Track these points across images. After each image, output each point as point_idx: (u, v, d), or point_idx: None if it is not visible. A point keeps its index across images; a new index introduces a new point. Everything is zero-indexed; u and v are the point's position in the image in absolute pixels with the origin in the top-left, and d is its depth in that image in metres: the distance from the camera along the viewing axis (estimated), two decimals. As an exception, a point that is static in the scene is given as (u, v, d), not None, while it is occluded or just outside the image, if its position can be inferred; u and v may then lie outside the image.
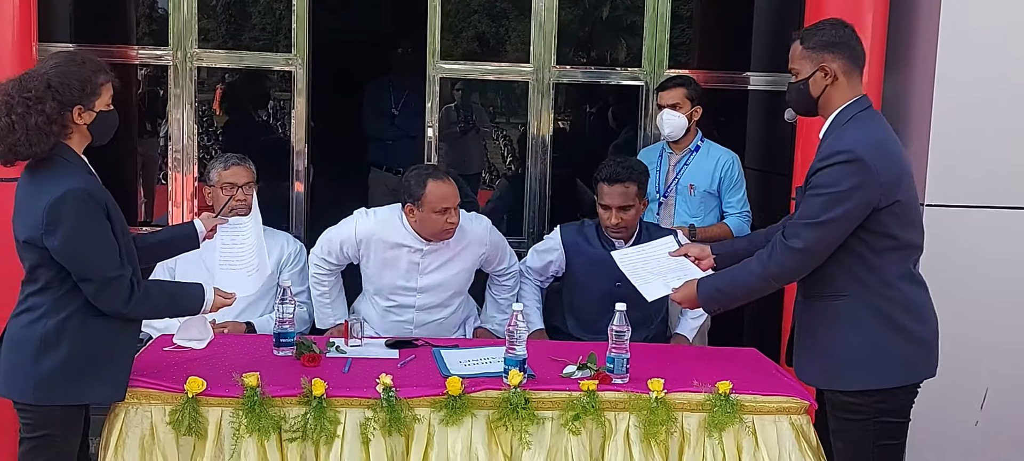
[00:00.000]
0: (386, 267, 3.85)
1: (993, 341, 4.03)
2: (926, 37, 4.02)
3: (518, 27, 11.33)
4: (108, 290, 2.82)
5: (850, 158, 2.82)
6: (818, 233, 2.87)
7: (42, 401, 2.84)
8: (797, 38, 3.04)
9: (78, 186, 2.78)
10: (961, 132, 3.96)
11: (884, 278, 2.92)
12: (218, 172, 4.02)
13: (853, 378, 2.94)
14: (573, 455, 3.01)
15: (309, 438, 2.96)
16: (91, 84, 2.84)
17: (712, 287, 3.14)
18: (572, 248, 3.98)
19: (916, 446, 3.96)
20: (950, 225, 3.96)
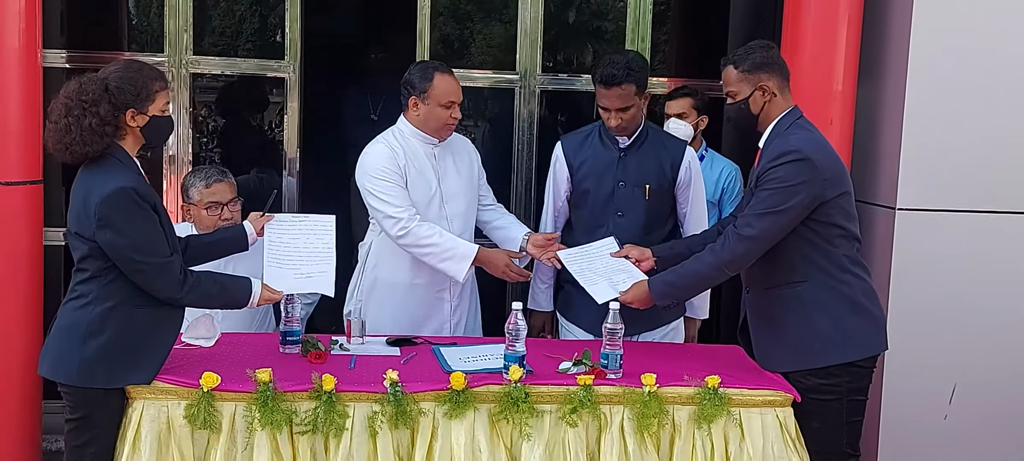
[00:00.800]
0: (419, 177, 3.84)
1: (961, 339, 4.17)
2: (898, 46, 4.16)
3: (483, 30, 11.44)
4: (162, 276, 3.04)
5: (798, 157, 3.16)
6: (768, 222, 3.19)
7: (83, 383, 3.02)
8: (729, 62, 3.36)
9: (128, 184, 2.99)
10: (932, 138, 4.09)
11: (838, 263, 3.26)
12: (199, 191, 3.96)
13: (822, 356, 3.24)
14: (570, 446, 3.13)
15: (319, 431, 3.07)
16: (146, 89, 3.05)
17: (663, 283, 3.42)
18: (574, 157, 3.96)
19: (890, 437, 4.17)
20: (921, 228, 4.10)
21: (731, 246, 3.26)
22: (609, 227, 3.86)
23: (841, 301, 3.27)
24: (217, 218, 3.93)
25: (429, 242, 3.75)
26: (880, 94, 4.27)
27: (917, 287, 4.13)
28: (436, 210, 3.88)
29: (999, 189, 4.13)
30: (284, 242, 3.50)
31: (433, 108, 3.81)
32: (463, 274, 3.78)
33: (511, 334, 3.21)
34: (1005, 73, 4.10)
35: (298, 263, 3.46)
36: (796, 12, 4.14)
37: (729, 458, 3.18)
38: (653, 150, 3.91)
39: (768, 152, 3.28)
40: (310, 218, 3.60)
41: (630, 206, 3.87)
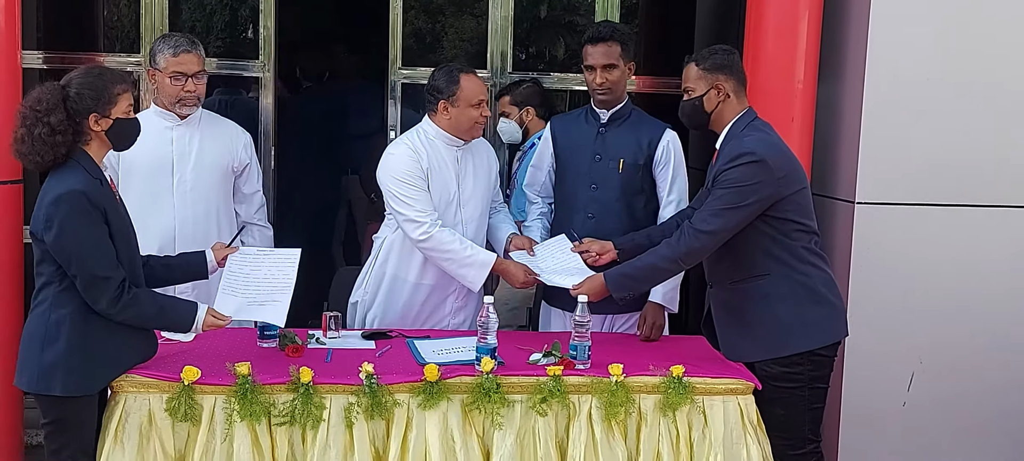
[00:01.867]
0: (440, 180, 3.91)
1: (919, 328, 4.28)
2: (856, 44, 4.26)
3: (455, 23, 11.50)
4: (95, 288, 3.00)
5: (753, 159, 3.31)
6: (724, 220, 3.34)
7: (42, 391, 3.03)
8: (691, 60, 3.51)
9: (77, 187, 2.97)
10: (889, 134, 4.19)
11: (798, 256, 3.40)
12: (166, 58, 3.88)
13: (786, 345, 3.38)
14: (540, 435, 3.24)
15: (297, 422, 3.15)
16: (107, 93, 3.05)
17: (620, 275, 3.55)
18: (560, 132, 4.13)
19: (850, 422, 4.30)
20: (879, 221, 4.22)
21: (687, 240, 3.40)
22: (584, 198, 3.99)
23: (802, 292, 3.41)
24: (180, 89, 3.88)
25: (449, 248, 3.82)
26: (839, 92, 4.37)
27: (876, 278, 4.25)
28: (453, 213, 3.95)
29: (954, 183, 4.24)
30: (244, 272, 3.46)
31: (464, 110, 3.88)
32: (479, 282, 3.88)
33: (482, 327, 3.31)
34: (960, 71, 4.21)
35: (253, 292, 3.39)
36: (758, 12, 4.24)
37: (692, 445, 3.30)
38: (632, 128, 4.04)
39: (724, 153, 3.42)
40: (276, 252, 3.59)
41: (603, 179, 4.00)
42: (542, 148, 4.18)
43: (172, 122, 3.96)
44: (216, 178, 4.01)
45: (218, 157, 4.02)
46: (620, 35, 3.97)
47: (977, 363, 4.32)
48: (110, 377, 3.11)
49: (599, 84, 3.96)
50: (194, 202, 3.96)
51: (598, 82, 3.96)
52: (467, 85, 3.87)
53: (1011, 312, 4.31)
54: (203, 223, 3.96)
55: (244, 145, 4.12)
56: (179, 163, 3.96)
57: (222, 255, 3.48)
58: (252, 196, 4.16)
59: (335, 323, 3.69)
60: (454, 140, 3.96)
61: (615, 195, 3.99)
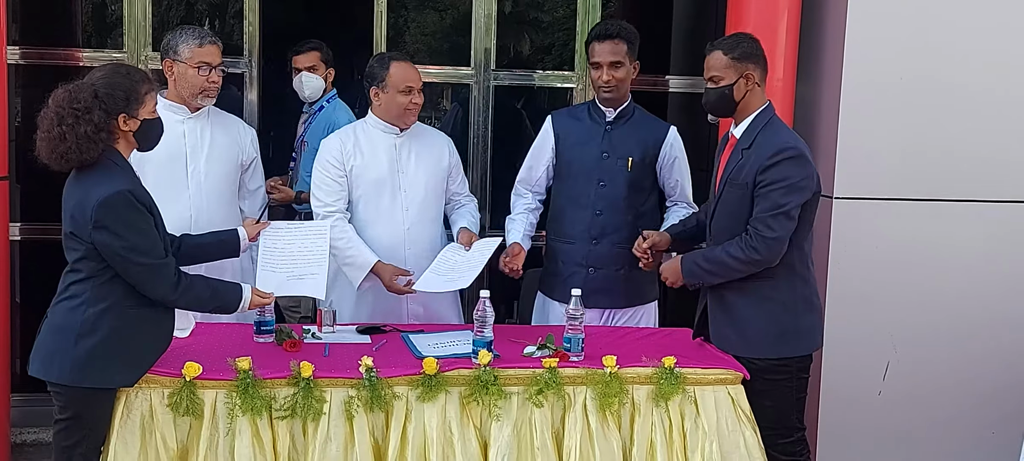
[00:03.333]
0: (370, 167, 3.97)
1: (893, 319, 4.40)
2: (833, 43, 4.36)
3: (417, 18, 11.51)
4: (158, 277, 3.08)
5: (795, 153, 3.35)
6: (783, 220, 3.35)
7: (75, 382, 3.05)
8: (717, 48, 3.49)
9: (125, 188, 3.03)
10: (866, 131, 4.30)
11: (801, 260, 3.48)
12: (191, 48, 3.88)
13: (778, 349, 3.46)
14: (537, 425, 3.31)
15: (298, 416, 3.19)
16: (136, 93, 3.07)
17: (693, 263, 3.57)
18: (562, 129, 4.16)
19: (829, 410, 4.41)
20: (856, 216, 4.33)
21: (758, 247, 3.37)
22: (592, 195, 4.05)
23: (800, 299, 3.50)
24: (205, 80, 3.89)
25: (337, 244, 3.90)
26: (817, 91, 4.47)
27: (853, 271, 4.36)
28: (388, 198, 4.01)
29: (927, 179, 4.36)
30: (279, 248, 3.56)
31: (392, 96, 3.95)
32: (358, 282, 3.95)
33: (479, 321, 3.37)
34: (934, 70, 4.32)
35: (291, 266, 3.52)
36: (738, 14, 4.34)
37: (685, 434, 3.38)
38: (637, 127, 4.11)
39: (760, 146, 3.42)
40: (305, 225, 3.67)
41: (612, 177, 4.07)
42: (541, 143, 4.19)
43: (182, 115, 3.96)
44: (227, 171, 4.04)
45: (228, 151, 4.04)
46: (627, 33, 4.02)
47: (949, 353, 4.45)
48: (140, 372, 3.15)
49: (606, 82, 4.01)
50: (209, 193, 3.98)
51: (604, 79, 4.01)
52: (396, 72, 3.93)
53: (981, 303, 4.44)
54: (217, 213, 3.98)
55: (251, 140, 4.15)
56: (193, 155, 3.97)
57: (255, 231, 3.58)
58: (256, 192, 4.19)
59: (331, 318, 3.73)
60: (389, 127, 4.02)
61: (623, 192, 4.06)
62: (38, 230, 4.72)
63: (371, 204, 4.00)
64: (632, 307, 4.14)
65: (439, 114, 7.29)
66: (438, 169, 4.13)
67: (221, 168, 4.02)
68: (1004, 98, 4.36)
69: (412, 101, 3.96)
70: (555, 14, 10.28)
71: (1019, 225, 4.41)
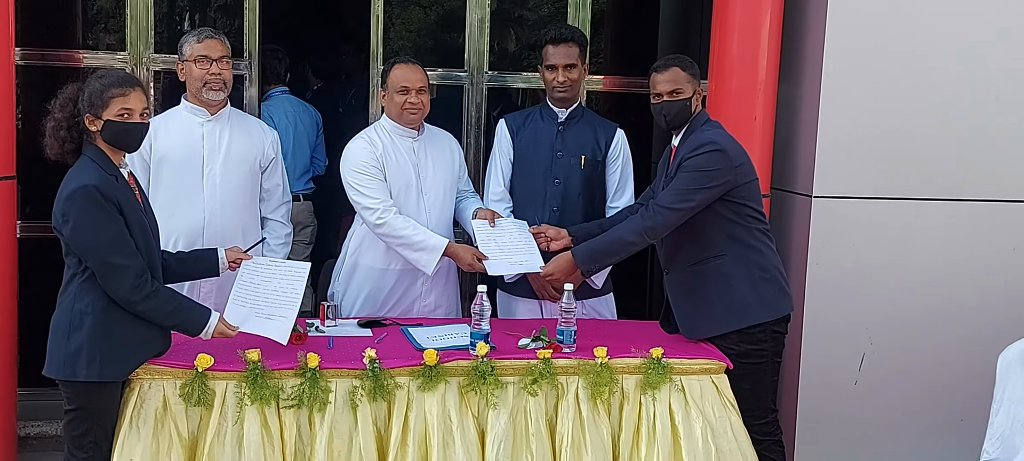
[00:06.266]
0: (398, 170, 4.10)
1: (869, 313, 4.55)
2: (813, 46, 4.50)
3: (402, 14, 11.61)
4: (113, 278, 3.14)
5: (715, 147, 3.64)
6: (688, 200, 3.65)
7: (67, 377, 3.17)
8: (675, 65, 3.78)
9: (89, 182, 3.11)
10: (844, 132, 4.44)
11: (752, 237, 3.73)
12: (191, 45, 4.04)
13: (744, 318, 3.69)
14: (532, 414, 3.47)
15: (304, 405, 3.33)
16: (100, 96, 3.18)
17: (588, 249, 3.83)
18: (516, 129, 4.36)
19: (806, 399, 4.58)
20: (834, 214, 4.48)
21: (653, 217, 3.69)
22: (548, 193, 4.23)
23: (756, 270, 3.73)
24: (205, 72, 4.01)
25: (402, 233, 4.03)
26: (798, 89, 4.62)
27: (831, 266, 4.51)
28: (414, 201, 4.15)
29: (904, 179, 4.51)
30: (255, 283, 3.56)
31: (391, 96, 4.13)
32: (432, 266, 4.06)
33: (477, 314, 3.53)
34: (911, 72, 4.47)
35: (262, 304, 3.51)
36: (723, 14, 4.49)
37: (674, 421, 3.54)
38: (589, 126, 4.34)
39: (687, 143, 3.72)
40: (286, 264, 3.70)
41: (566, 174, 4.27)
42: (500, 146, 4.36)
43: (202, 118, 4.09)
44: (244, 173, 4.13)
45: (246, 153, 4.14)
46: (579, 37, 4.28)
47: (921, 344, 4.61)
48: (131, 366, 3.26)
49: (561, 83, 4.23)
50: (223, 196, 4.07)
51: (560, 80, 4.23)
52: (395, 73, 4.11)
53: (951, 297, 4.60)
54: (231, 217, 4.08)
55: (271, 142, 4.25)
56: (209, 158, 4.07)
57: (234, 257, 3.60)
58: (274, 192, 4.29)
59: (333, 312, 3.88)
60: (404, 130, 4.17)
61: (578, 189, 4.25)
62: (38, 228, 4.80)
63: (399, 207, 4.11)
64: (591, 298, 4.32)
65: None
66: (452, 169, 4.30)
67: (238, 171, 4.11)
68: (980, 100, 4.51)
69: (408, 101, 4.09)
70: (540, 13, 10.43)
71: (986, 223, 4.56)
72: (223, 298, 3.72)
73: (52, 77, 4.78)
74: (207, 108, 4.10)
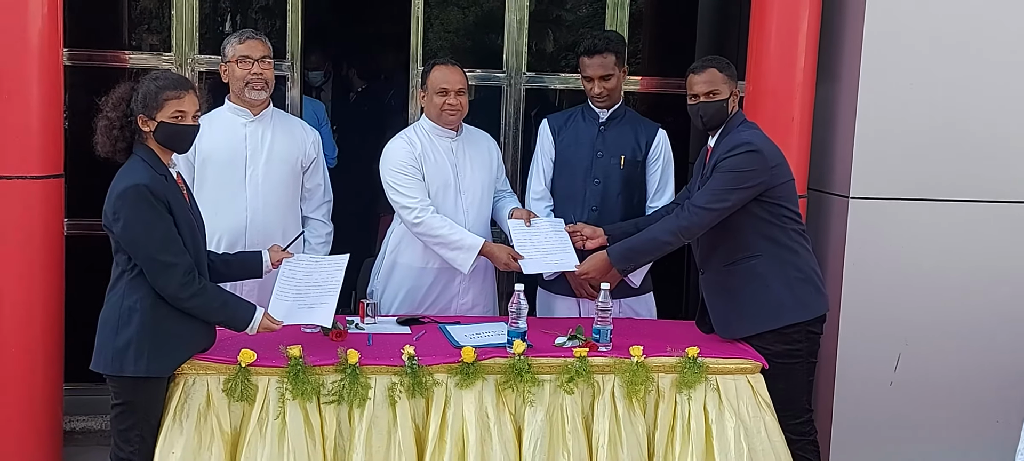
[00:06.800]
0: (437, 170, 4.16)
1: (906, 314, 4.56)
2: (851, 47, 4.51)
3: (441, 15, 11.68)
4: (162, 275, 3.20)
5: (751, 148, 3.65)
6: (723, 200, 3.66)
7: (115, 372, 3.24)
8: (712, 66, 3.80)
9: (140, 181, 3.18)
10: (882, 133, 4.45)
11: (787, 238, 3.73)
12: (233, 46, 4.12)
13: (779, 318, 3.70)
14: (568, 411, 3.50)
15: (345, 401, 3.38)
16: (155, 98, 3.25)
17: (623, 248, 3.85)
18: (558, 131, 4.40)
19: (842, 400, 4.58)
20: (872, 215, 4.48)
21: (688, 216, 3.71)
22: (587, 193, 4.26)
23: (791, 270, 3.74)
24: (247, 72, 4.09)
25: (439, 232, 4.09)
26: (836, 91, 4.62)
27: (867, 267, 4.52)
28: (452, 201, 4.20)
29: (941, 179, 4.51)
30: (296, 278, 3.63)
31: (430, 97, 4.18)
32: (468, 265, 4.11)
33: (514, 313, 3.57)
34: (951, 70, 4.47)
35: (303, 296, 3.58)
36: (761, 16, 4.50)
37: (708, 420, 3.56)
38: (630, 126, 4.35)
39: (723, 144, 3.73)
40: (325, 258, 3.78)
41: (606, 174, 4.29)
42: (542, 146, 4.41)
43: (245, 118, 4.17)
44: (285, 173, 4.20)
45: (288, 153, 4.21)
46: (614, 46, 4.26)
47: (958, 346, 4.60)
48: (177, 362, 3.32)
49: (597, 94, 4.27)
50: (265, 195, 4.15)
51: (595, 92, 4.27)
52: (433, 75, 4.16)
53: (988, 300, 4.59)
54: (273, 216, 4.16)
55: (313, 142, 4.31)
56: (252, 158, 4.15)
57: (277, 257, 3.67)
58: (315, 191, 4.35)
59: (373, 310, 3.94)
60: (443, 130, 4.22)
61: (617, 189, 4.28)
62: (84, 226, 4.88)
63: (437, 208, 4.15)
64: (630, 297, 4.35)
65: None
66: (490, 169, 4.35)
67: (279, 171, 4.18)
68: (1018, 99, 4.49)
69: (447, 102, 4.14)
70: (579, 13, 10.45)
71: (1025, 224, 4.54)
72: (263, 296, 3.79)
73: (98, 78, 4.87)
74: (250, 108, 4.17)
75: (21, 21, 4.16)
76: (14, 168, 4.20)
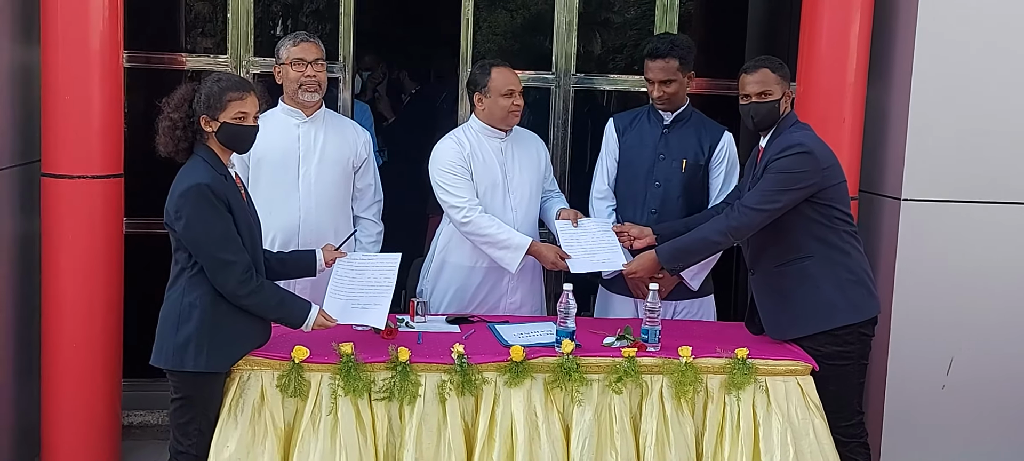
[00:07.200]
0: (486, 171, 4.21)
1: (958, 317, 4.52)
2: (903, 46, 4.48)
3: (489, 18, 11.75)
4: (222, 272, 3.28)
5: (803, 149, 3.64)
6: (774, 201, 3.65)
7: (176, 367, 3.32)
8: (764, 66, 3.79)
9: (202, 181, 3.26)
10: (934, 134, 4.42)
11: (839, 239, 3.72)
12: (287, 48, 4.19)
13: (831, 319, 3.68)
14: (616, 411, 3.52)
15: (395, 398, 3.44)
16: (218, 99, 3.33)
17: (672, 248, 3.85)
18: (623, 132, 4.41)
19: (893, 402, 4.55)
20: (923, 217, 4.45)
21: (738, 217, 3.71)
22: (648, 195, 4.27)
23: (842, 271, 3.72)
24: (301, 74, 4.16)
25: (487, 232, 4.14)
26: (887, 92, 4.59)
27: (919, 269, 4.49)
28: (500, 200, 4.25)
29: (994, 181, 4.47)
30: (350, 277, 3.70)
31: (495, 99, 4.20)
32: (516, 264, 4.15)
33: (562, 312, 3.60)
34: (1003, 72, 4.43)
35: (357, 295, 3.65)
36: (812, 18, 4.49)
37: (757, 422, 3.57)
38: (694, 129, 4.33)
39: (775, 145, 3.73)
40: (378, 257, 3.85)
41: (667, 177, 4.29)
42: (607, 145, 4.43)
43: (298, 119, 4.24)
44: (337, 173, 4.27)
45: (340, 153, 4.28)
46: (679, 51, 4.23)
47: (1010, 349, 4.55)
48: (235, 358, 3.40)
49: (657, 97, 4.27)
50: (318, 195, 4.22)
51: (655, 95, 4.27)
52: (497, 77, 4.18)
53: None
54: (325, 216, 4.23)
55: (364, 142, 4.38)
56: (305, 158, 4.22)
57: (331, 256, 3.74)
58: (366, 191, 4.42)
59: (423, 309, 3.99)
60: (494, 131, 4.26)
61: (677, 192, 4.27)
62: (140, 224, 4.98)
63: (485, 208, 4.20)
64: (687, 300, 4.35)
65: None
66: (538, 169, 4.38)
67: (331, 171, 4.25)
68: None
69: (514, 103, 4.20)
70: (626, 15, 10.45)
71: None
72: (316, 294, 3.86)
73: (156, 80, 4.98)
74: (303, 109, 4.24)
75: (83, 26, 4.26)
76: (76, 168, 4.30)
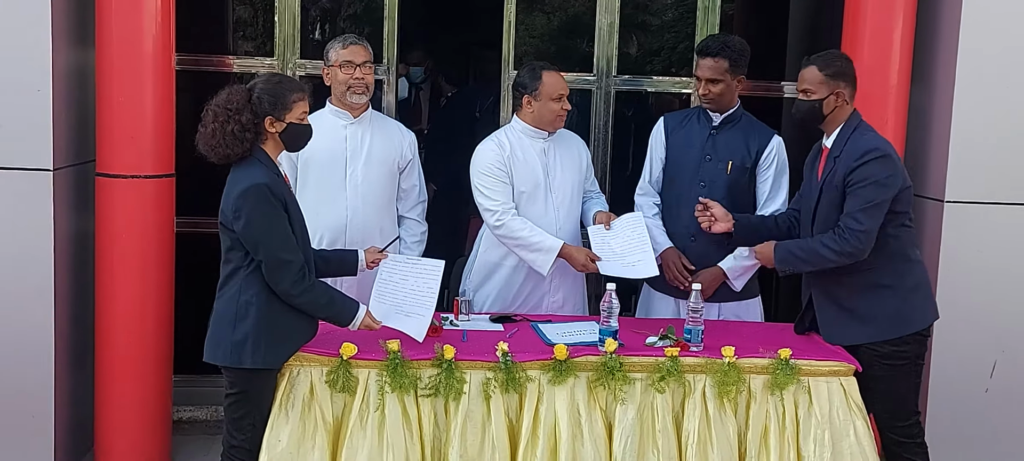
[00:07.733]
0: (527, 171, 4.25)
1: (1002, 320, 4.52)
2: (947, 48, 4.48)
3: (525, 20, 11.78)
4: (278, 271, 3.36)
5: (880, 154, 3.58)
6: (872, 212, 3.58)
7: (233, 363, 3.39)
8: (813, 63, 3.73)
9: (261, 181, 3.34)
10: (978, 136, 4.42)
11: (902, 246, 3.69)
12: (336, 51, 4.24)
13: (895, 329, 3.66)
14: (658, 410, 3.55)
15: (441, 394, 3.50)
16: (283, 99, 3.41)
17: (787, 251, 3.81)
18: (671, 131, 4.43)
19: (936, 407, 4.54)
20: (967, 219, 4.45)
21: (850, 240, 3.61)
22: (693, 197, 4.25)
23: (906, 282, 3.70)
24: (349, 76, 4.21)
25: (519, 235, 4.19)
26: (931, 94, 4.59)
27: (963, 272, 4.49)
28: (542, 200, 4.29)
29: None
30: (394, 280, 3.77)
31: (545, 103, 4.24)
32: (547, 267, 4.20)
33: (606, 311, 3.63)
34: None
35: (401, 301, 3.73)
36: (855, 20, 4.49)
37: (798, 422, 3.59)
38: (742, 132, 4.32)
39: (849, 152, 3.67)
40: (421, 263, 3.89)
41: (712, 179, 4.29)
42: (655, 144, 4.45)
43: (345, 120, 4.31)
44: (384, 174, 4.34)
45: (386, 154, 4.35)
46: (730, 52, 4.21)
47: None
48: (288, 354, 3.47)
49: (703, 95, 4.28)
50: (364, 195, 4.29)
51: (701, 92, 4.28)
52: (548, 80, 4.22)
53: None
54: (372, 215, 4.30)
55: (409, 143, 4.45)
56: (351, 159, 4.29)
57: (373, 258, 3.81)
58: (411, 192, 4.48)
59: (467, 307, 4.04)
60: (537, 132, 4.30)
61: (722, 194, 4.25)
62: (188, 223, 5.06)
63: (527, 208, 4.25)
64: (732, 302, 4.35)
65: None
66: (579, 170, 4.42)
67: (378, 172, 4.32)
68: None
69: (563, 107, 4.26)
70: (664, 18, 10.46)
71: None
72: (360, 293, 3.92)
73: (204, 81, 5.07)
74: (350, 111, 4.31)
75: (136, 29, 4.36)
76: (130, 168, 4.40)
